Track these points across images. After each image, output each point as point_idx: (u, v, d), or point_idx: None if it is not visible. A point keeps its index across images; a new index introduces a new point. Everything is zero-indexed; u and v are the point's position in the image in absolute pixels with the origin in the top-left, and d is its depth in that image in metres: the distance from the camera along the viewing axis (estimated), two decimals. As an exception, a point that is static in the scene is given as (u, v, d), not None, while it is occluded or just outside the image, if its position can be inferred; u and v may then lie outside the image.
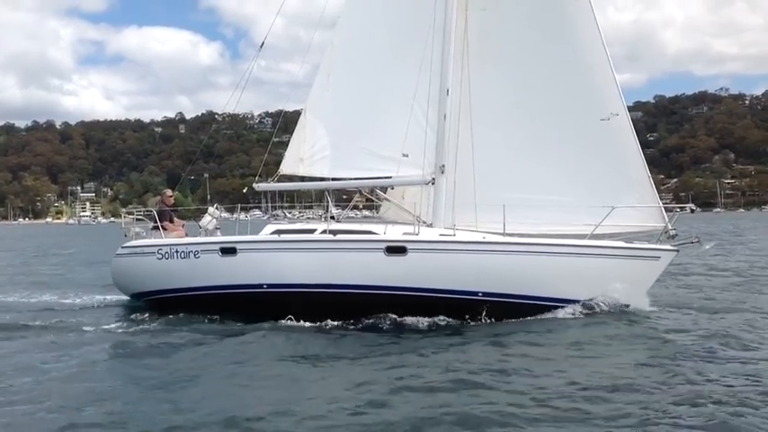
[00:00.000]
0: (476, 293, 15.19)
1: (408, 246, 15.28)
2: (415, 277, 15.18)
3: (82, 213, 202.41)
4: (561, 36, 16.87)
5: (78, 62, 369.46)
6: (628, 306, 15.45)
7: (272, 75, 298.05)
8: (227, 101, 19.34)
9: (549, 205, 16.19)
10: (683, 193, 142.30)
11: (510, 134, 17.07)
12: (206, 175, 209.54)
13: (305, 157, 18.33)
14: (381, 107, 17.74)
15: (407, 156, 17.24)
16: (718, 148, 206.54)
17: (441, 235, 15.98)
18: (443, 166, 17.04)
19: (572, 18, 16.83)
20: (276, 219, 21.51)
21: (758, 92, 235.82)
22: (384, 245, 15.34)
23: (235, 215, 19.39)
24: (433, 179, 17.10)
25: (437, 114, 17.16)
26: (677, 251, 15.97)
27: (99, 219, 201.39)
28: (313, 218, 21.67)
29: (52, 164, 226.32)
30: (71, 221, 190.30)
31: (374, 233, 15.93)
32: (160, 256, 16.84)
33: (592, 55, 16.73)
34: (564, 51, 16.85)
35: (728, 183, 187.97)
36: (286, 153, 18.67)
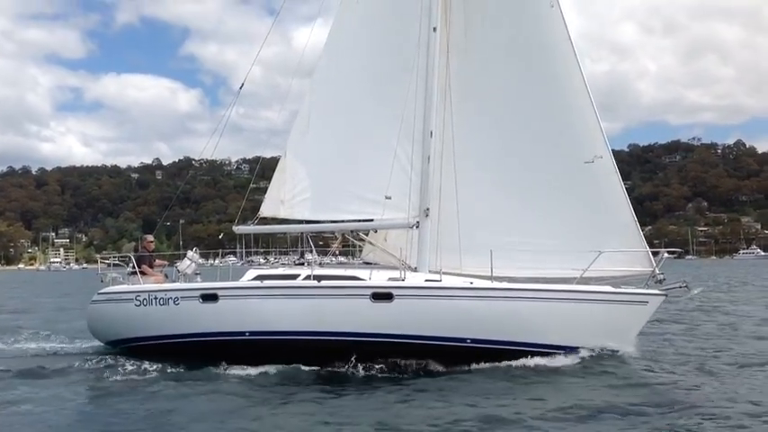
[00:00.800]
0: (464, 340, 14.93)
1: (395, 292, 14.99)
2: (401, 324, 14.87)
3: (52, 260, 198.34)
4: (544, 79, 16.90)
5: (56, 108, 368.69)
6: (616, 351, 15.24)
7: (250, 122, 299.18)
8: (204, 146, 19.31)
9: (533, 249, 16.05)
10: (657, 241, 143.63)
11: (494, 177, 17.03)
12: (182, 221, 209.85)
13: (285, 199, 18.12)
14: (362, 149, 17.66)
15: (390, 198, 17.11)
16: (691, 196, 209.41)
17: (427, 280, 15.74)
18: (428, 209, 16.91)
19: (555, 62, 16.86)
20: (252, 264, 21.20)
21: (730, 141, 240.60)
22: (370, 291, 15.06)
23: (210, 261, 19.15)
24: (418, 222, 16.93)
25: (420, 156, 17.11)
26: (665, 296, 15.84)
27: (71, 265, 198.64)
28: (289, 263, 21.43)
29: (26, 209, 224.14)
30: (42, 267, 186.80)
31: (359, 279, 15.68)
32: (138, 303, 16.32)
33: (575, 98, 16.72)
34: (547, 94, 16.86)
35: (701, 230, 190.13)
36: (266, 195, 18.46)
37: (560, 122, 16.79)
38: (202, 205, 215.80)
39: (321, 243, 19.23)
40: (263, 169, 28.04)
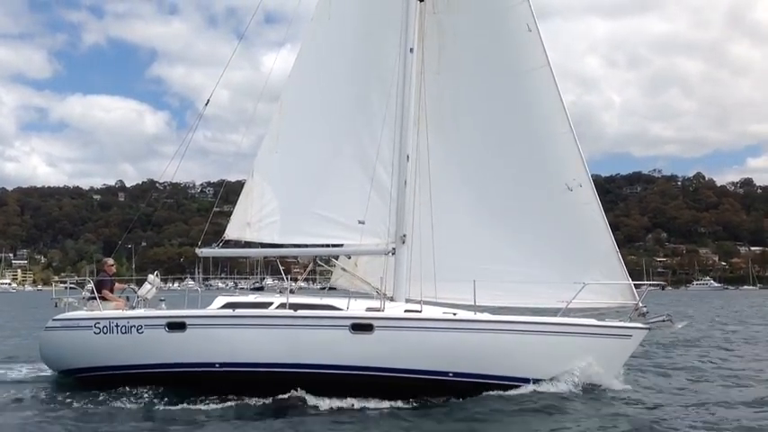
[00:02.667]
0: (446, 374, 14.38)
1: (375, 323, 14.36)
2: (382, 356, 14.24)
3: (1, 280, 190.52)
4: (522, 104, 16.52)
5: (20, 128, 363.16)
6: (599, 385, 14.82)
7: (218, 145, 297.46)
8: (167, 169, 18.39)
9: (513, 278, 15.56)
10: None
11: (471, 203, 16.56)
12: (143, 244, 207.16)
13: (252, 221, 17.34)
14: (334, 172, 17.09)
15: (363, 223, 16.56)
16: (651, 227, 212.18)
17: (406, 310, 15.18)
18: (404, 235, 16.36)
19: (533, 87, 16.44)
20: (210, 288, 20.28)
21: (692, 174, 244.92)
22: (349, 321, 14.40)
23: (168, 285, 18.33)
24: (394, 249, 16.40)
25: (395, 181, 16.60)
26: (649, 329, 15.50)
27: (19, 286, 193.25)
28: (246, 288, 20.56)
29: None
30: None
31: (336, 308, 15.01)
32: (98, 330, 15.27)
33: (554, 125, 16.31)
34: (525, 120, 16.49)
35: (660, 261, 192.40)
36: (232, 217, 17.66)
37: (539, 149, 16.41)
38: (164, 228, 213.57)
39: (283, 268, 18.59)
40: (228, 193, 27.74)
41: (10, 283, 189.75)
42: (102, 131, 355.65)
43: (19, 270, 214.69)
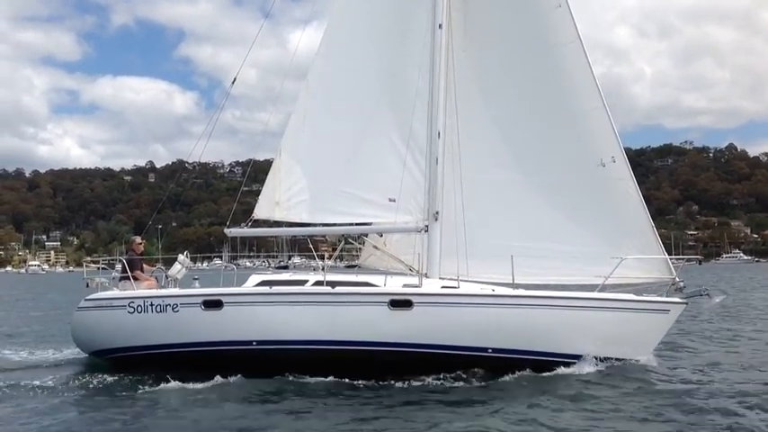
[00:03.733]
0: (485, 350, 14.37)
1: (414, 299, 14.31)
2: (420, 332, 14.22)
3: (31, 262, 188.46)
4: (553, 79, 16.28)
5: (53, 111, 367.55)
6: (638, 360, 14.79)
7: (246, 124, 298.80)
8: (195, 149, 18.29)
9: (547, 254, 15.40)
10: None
11: (503, 180, 16.35)
12: (173, 224, 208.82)
13: (281, 200, 17.21)
14: (363, 150, 16.92)
15: (394, 201, 16.41)
16: (682, 199, 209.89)
17: (443, 287, 15.11)
18: (437, 212, 16.23)
19: (564, 62, 16.22)
20: (238, 267, 20.02)
21: (725, 145, 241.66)
22: (388, 298, 14.34)
23: (197, 264, 18.12)
24: (427, 226, 16.29)
25: (426, 158, 16.47)
26: (686, 304, 15.37)
27: (51, 268, 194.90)
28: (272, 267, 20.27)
29: (18, 212, 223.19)
30: (21, 270, 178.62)
31: (374, 285, 14.96)
32: (132, 310, 15.20)
33: (586, 100, 16.06)
34: (557, 95, 16.24)
35: (691, 234, 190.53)
36: (260, 197, 17.49)
37: (571, 124, 16.16)
38: (194, 208, 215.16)
39: (311, 246, 18.41)
40: (256, 172, 27.80)
41: (40, 265, 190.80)
42: (133, 112, 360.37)
43: (52, 252, 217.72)
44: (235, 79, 18.42)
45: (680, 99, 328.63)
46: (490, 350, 14.40)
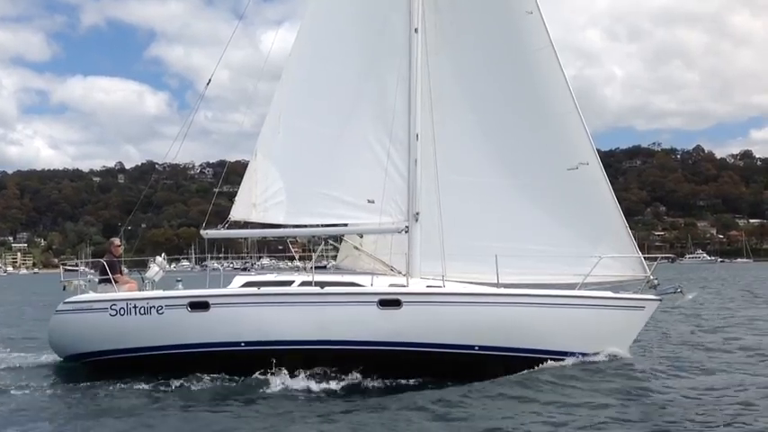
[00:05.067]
0: (472, 347, 14.63)
1: (403, 299, 14.54)
2: (409, 331, 14.44)
3: None
4: (526, 84, 16.62)
5: (22, 111, 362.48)
6: (615, 356, 15.17)
7: (219, 125, 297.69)
8: (167, 150, 17.98)
9: (523, 254, 15.72)
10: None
11: (478, 181, 16.65)
12: (143, 225, 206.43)
13: (258, 202, 17.17)
14: (340, 151, 16.99)
15: (373, 202, 16.57)
16: (650, 200, 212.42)
17: (428, 286, 15.35)
18: (417, 213, 16.45)
19: (536, 67, 16.54)
20: (205, 269, 19.53)
21: (695, 146, 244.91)
22: (377, 297, 14.55)
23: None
24: (407, 227, 16.47)
25: (405, 160, 16.67)
26: (660, 300, 15.82)
27: (15, 270, 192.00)
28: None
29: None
30: None
31: (361, 285, 15.13)
32: (113, 312, 15.09)
33: (559, 104, 16.43)
34: (530, 100, 16.59)
35: (658, 234, 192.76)
36: (236, 198, 17.41)
37: (545, 128, 16.52)
38: (164, 209, 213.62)
39: (281, 248, 18.29)
40: (228, 173, 27.78)
41: (2, 267, 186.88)
42: (104, 113, 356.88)
43: (19, 253, 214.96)
44: (210, 81, 18.36)
45: (650, 101, 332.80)
46: (477, 347, 14.66)
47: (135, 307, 15.10)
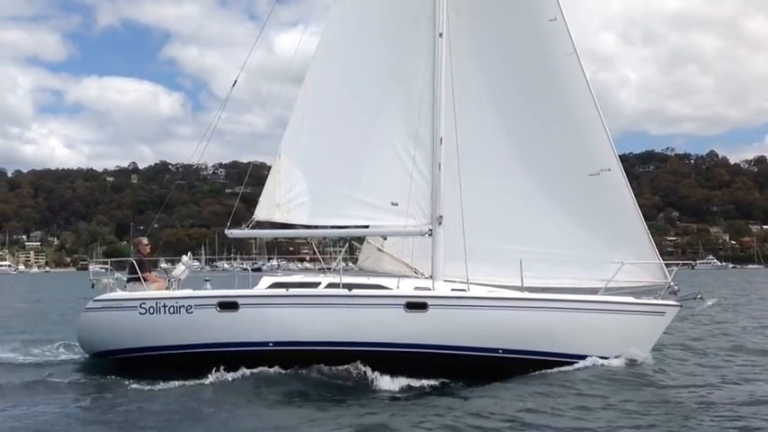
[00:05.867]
0: (496, 350, 14.91)
1: (429, 302, 14.87)
2: (435, 334, 14.74)
3: (1, 262, 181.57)
4: (548, 90, 16.80)
5: (37, 111, 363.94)
6: (636, 361, 15.35)
7: (232, 126, 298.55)
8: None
9: (543, 258, 15.86)
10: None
11: (502, 185, 16.85)
12: (155, 225, 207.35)
13: (281, 202, 17.42)
14: (362, 154, 17.21)
15: (396, 204, 16.84)
16: (663, 205, 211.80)
17: (453, 290, 15.65)
18: (441, 216, 16.66)
19: (559, 74, 16.73)
20: (216, 269, 19.71)
21: (709, 152, 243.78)
22: (404, 300, 14.86)
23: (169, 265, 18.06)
24: (430, 230, 16.71)
25: (429, 163, 16.88)
26: (681, 306, 15.99)
27: (27, 268, 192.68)
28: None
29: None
30: None
31: (388, 288, 15.44)
32: (143, 311, 15.44)
33: (582, 110, 16.61)
34: (552, 106, 16.78)
35: (671, 240, 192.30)
36: (260, 198, 17.64)
37: (568, 133, 16.72)
38: (177, 209, 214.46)
39: (291, 249, 18.45)
40: (240, 174, 27.93)
41: (11, 265, 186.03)
42: (118, 113, 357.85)
43: (32, 252, 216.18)
44: (235, 82, 18.43)
45: (665, 106, 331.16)
46: (500, 351, 14.93)
47: (165, 306, 15.42)
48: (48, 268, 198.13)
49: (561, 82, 16.86)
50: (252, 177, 19.76)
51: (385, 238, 18.15)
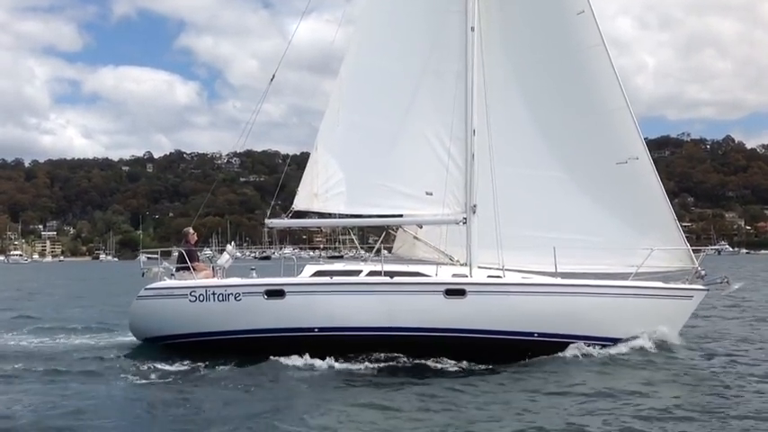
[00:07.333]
0: (532, 334, 15.54)
1: (468, 288, 15.55)
2: (473, 319, 15.38)
3: (13, 252, 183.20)
4: (578, 81, 17.29)
5: (54, 101, 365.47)
6: (665, 344, 15.90)
7: (247, 115, 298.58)
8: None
9: (574, 245, 16.43)
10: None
11: (533, 174, 17.37)
12: (170, 214, 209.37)
13: (319, 192, 18.04)
14: (398, 145, 17.79)
15: (431, 194, 17.45)
16: (678, 191, 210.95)
17: (489, 276, 16.30)
18: (475, 205, 17.21)
19: (588, 65, 17.24)
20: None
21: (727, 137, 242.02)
22: (443, 287, 15.54)
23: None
24: (465, 219, 17.26)
25: (463, 154, 17.42)
26: (708, 290, 16.59)
27: (37, 256, 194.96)
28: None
29: (14, 202, 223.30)
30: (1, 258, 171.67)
31: (427, 275, 16.11)
32: (193, 299, 16.16)
33: (611, 101, 17.10)
34: (582, 96, 17.27)
35: (685, 226, 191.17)
36: (299, 189, 18.25)
37: (598, 123, 17.22)
38: (191, 198, 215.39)
39: (305, 237, 19.04)
40: (253, 163, 28.37)
41: (22, 254, 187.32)
42: (134, 103, 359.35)
43: (48, 241, 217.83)
44: (273, 77, 18.86)
45: (683, 91, 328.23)
46: (536, 334, 15.59)
47: (214, 294, 16.13)
48: (62, 257, 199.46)
49: (589, 73, 17.36)
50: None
51: (420, 227, 18.71)
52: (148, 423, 11.20)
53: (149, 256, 18.60)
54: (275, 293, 15.95)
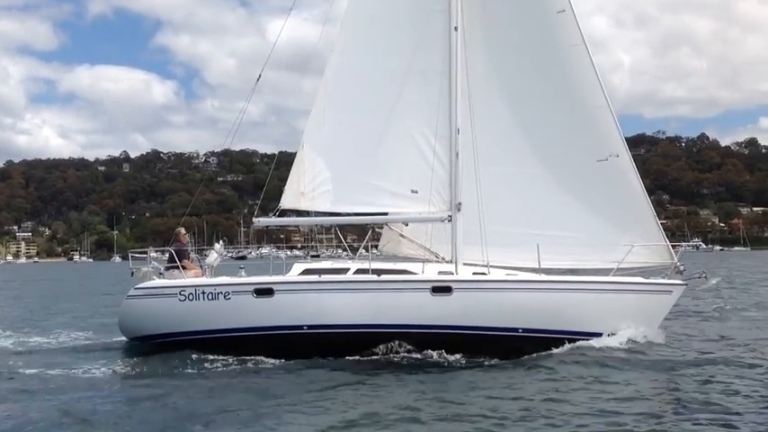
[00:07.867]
0: (516, 330, 15.82)
1: (454, 285, 15.84)
2: (459, 316, 15.66)
3: None
4: (559, 80, 17.50)
5: (30, 100, 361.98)
6: (645, 338, 16.17)
7: (225, 114, 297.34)
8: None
9: (556, 242, 16.73)
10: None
11: (517, 173, 17.59)
12: (147, 214, 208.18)
13: (306, 191, 18.14)
14: (384, 143, 17.93)
15: (416, 192, 17.66)
16: (653, 188, 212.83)
17: (474, 273, 16.59)
18: (460, 203, 17.44)
19: (569, 64, 17.43)
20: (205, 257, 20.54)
21: (704, 134, 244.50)
22: (430, 285, 15.81)
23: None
24: (450, 216, 17.48)
25: (448, 152, 17.63)
26: (686, 285, 16.94)
27: (12, 258, 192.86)
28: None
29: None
30: None
31: (414, 273, 16.35)
32: (183, 298, 16.29)
33: (591, 98, 17.34)
34: (563, 94, 17.49)
35: (661, 223, 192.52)
36: (285, 187, 18.36)
37: (578, 121, 17.46)
38: (168, 198, 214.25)
39: (282, 236, 19.14)
40: (232, 162, 28.37)
41: None
42: (111, 102, 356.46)
43: (23, 242, 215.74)
44: (259, 77, 19.02)
45: (658, 88, 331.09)
46: (520, 330, 15.88)
47: (203, 293, 16.28)
48: (36, 259, 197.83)
49: (571, 72, 17.60)
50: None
51: (406, 225, 18.90)
52: (136, 423, 11.24)
53: (135, 255, 18.66)
54: (264, 292, 16.12)
